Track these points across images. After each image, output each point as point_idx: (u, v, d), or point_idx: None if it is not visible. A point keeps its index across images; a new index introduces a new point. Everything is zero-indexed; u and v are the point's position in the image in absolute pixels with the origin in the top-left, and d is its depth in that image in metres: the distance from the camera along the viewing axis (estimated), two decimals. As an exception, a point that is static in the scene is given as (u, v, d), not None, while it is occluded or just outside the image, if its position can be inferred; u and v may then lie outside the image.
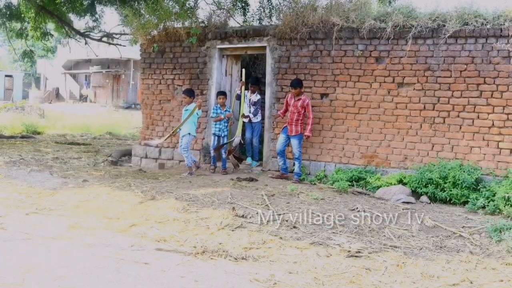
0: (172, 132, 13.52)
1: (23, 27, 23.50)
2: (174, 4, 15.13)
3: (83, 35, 23.66)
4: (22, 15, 22.19)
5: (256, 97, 13.63)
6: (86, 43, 24.65)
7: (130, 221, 8.14)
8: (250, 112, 13.65)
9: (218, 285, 5.63)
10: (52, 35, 25.90)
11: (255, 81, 13.94)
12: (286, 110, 12.53)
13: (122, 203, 9.37)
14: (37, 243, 6.86)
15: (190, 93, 13.45)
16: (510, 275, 6.39)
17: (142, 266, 6.10)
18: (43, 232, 7.42)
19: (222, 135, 13.24)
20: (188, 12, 14.76)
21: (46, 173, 12.23)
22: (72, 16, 23.10)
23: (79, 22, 26.36)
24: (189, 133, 13.01)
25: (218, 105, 13.31)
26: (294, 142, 12.33)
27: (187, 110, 13.20)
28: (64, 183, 11.04)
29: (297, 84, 12.24)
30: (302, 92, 12.33)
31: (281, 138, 12.49)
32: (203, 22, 14.61)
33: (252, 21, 17.70)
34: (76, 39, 25.17)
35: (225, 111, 13.21)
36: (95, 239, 7.18)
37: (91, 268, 5.91)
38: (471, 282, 6.12)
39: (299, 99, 12.19)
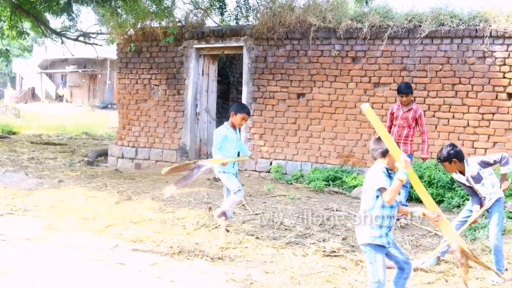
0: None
1: (-1, 26, 23.24)
2: (151, 3, 15.06)
3: (60, 34, 23.45)
4: (-2, 14, 21.96)
5: (475, 168, 6.45)
6: (62, 42, 24.42)
7: (106, 222, 8.10)
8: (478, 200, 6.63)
9: (195, 285, 5.62)
10: (28, 34, 25.63)
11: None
12: (390, 126, 9.72)
13: (98, 204, 9.32)
14: (12, 245, 6.81)
15: None
16: (485, 273, 6.45)
17: (118, 267, 6.07)
18: (18, 233, 7.36)
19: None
20: (165, 11, 14.71)
21: (21, 173, 12.11)
22: (48, 16, 22.87)
23: (56, 21, 26.21)
24: None
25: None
26: None
27: None
28: (40, 184, 10.95)
29: (408, 89, 9.48)
30: (412, 100, 9.83)
31: None
32: (180, 21, 14.58)
33: (229, 21, 17.70)
34: (52, 39, 24.95)
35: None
36: (71, 240, 7.14)
37: (67, 269, 5.87)
38: (446, 281, 6.18)
39: (409, 110, 9.52)
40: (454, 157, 6.40)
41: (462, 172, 6.49)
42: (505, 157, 6.35)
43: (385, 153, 4.97)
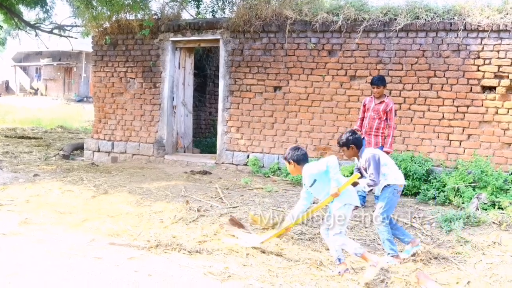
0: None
1: (-29, 19, 22.95)
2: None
3: (34, 26, 23.20)
4: (-31, 6, 21.66)
5: (364, 162, 6.64)
6: (36, 35, 24.19)
7: (83, 216, 8.05)
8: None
9: (172, 278, 5.61)
10: (1, 27, 25.36)
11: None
12: (363, 118, 9.87)
13: (74, 198, 9.26)
14: (-14, 239, 6.73)
15: None
16: (460, 264, 6.52)
17: (95, 261, 6.03)
18: (-7, 228, 7.28)
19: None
20: (141, 4, 14.62)
21: (-4, 167, 12.00)
22: (22, 7, 22.61)
23: (29, 14, 25.84)
24: None
25: None
26: None
27: None
28: (15, 178, 10.84)
29: (380, 81, 9.65)
30: (385, 94, 9.93)
31: None
32: (156, 14, 14.51)
33: (206, 14, 17.63)
34: (26, 31, 24.67)
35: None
36: (47, 235, 7.07)
37: (43, 264, 5.82)
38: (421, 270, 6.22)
39: (381, 102, 9.63)
40: (352, 143, 6.64)
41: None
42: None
43: None
